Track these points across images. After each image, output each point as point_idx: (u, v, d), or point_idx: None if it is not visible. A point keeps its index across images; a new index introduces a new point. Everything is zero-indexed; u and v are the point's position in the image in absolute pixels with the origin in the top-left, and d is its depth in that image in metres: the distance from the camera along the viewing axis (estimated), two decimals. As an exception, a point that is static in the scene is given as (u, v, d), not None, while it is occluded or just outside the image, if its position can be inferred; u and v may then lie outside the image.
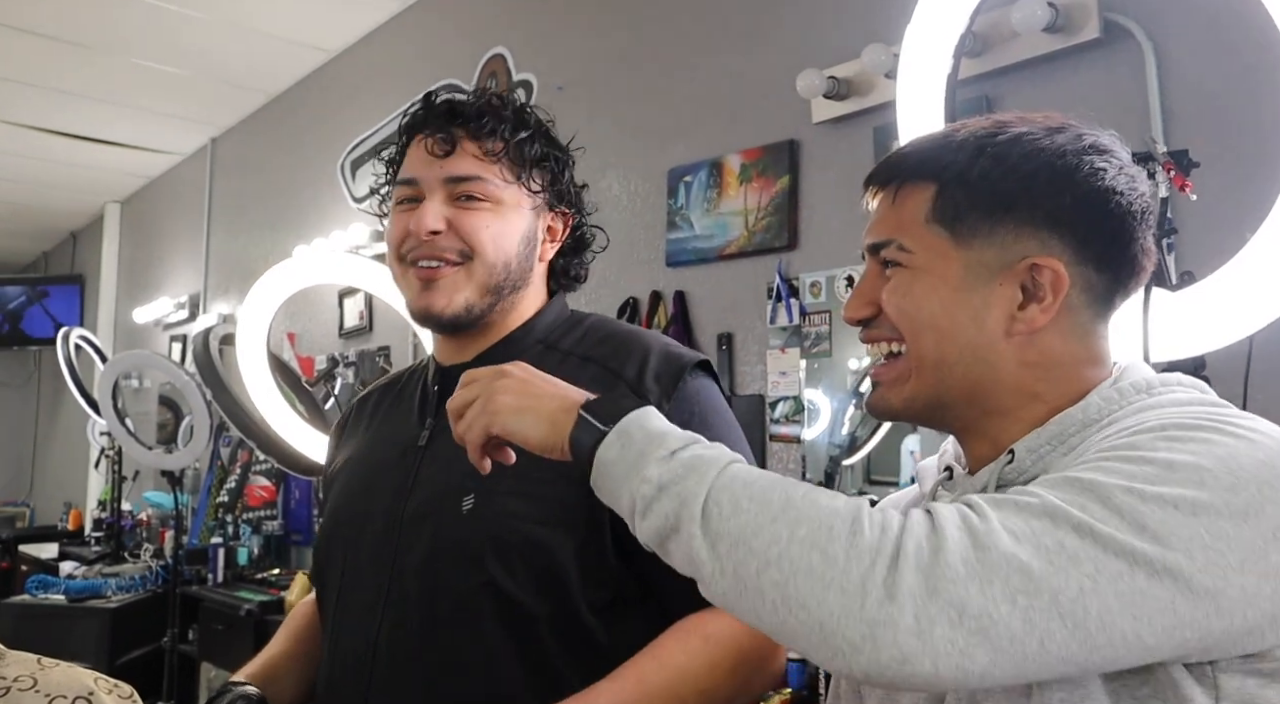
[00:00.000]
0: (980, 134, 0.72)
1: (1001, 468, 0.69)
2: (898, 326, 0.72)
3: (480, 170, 1.01)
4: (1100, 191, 0.69)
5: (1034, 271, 0.69)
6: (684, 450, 0.65)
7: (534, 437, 0.73)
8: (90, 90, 4.51)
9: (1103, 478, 0.57)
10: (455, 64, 3.38)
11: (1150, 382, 0.69)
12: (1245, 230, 1.12)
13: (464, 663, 0.94)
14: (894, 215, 0.73)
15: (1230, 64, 1.54)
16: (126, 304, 6.08)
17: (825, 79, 2.06)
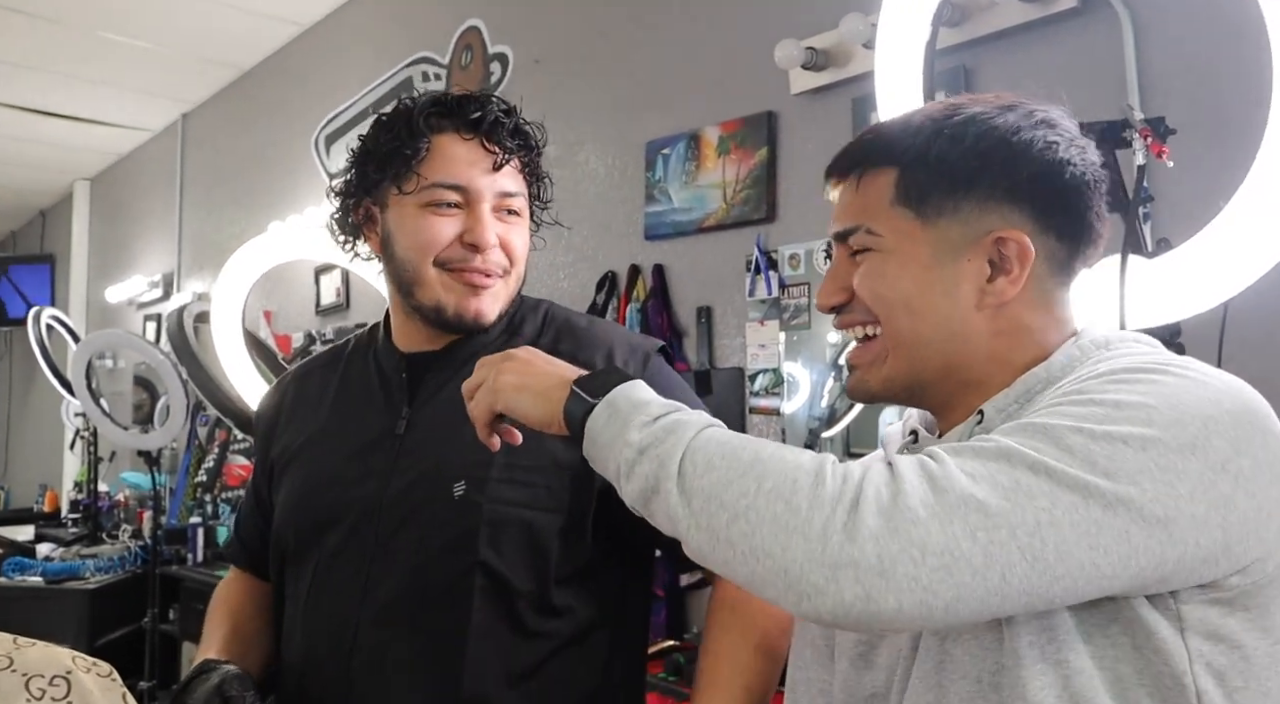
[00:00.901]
0: (935, 117, 0.74)
1: (971, 428, 0.71)
2: (872, 309, 0.75)
3: (521, 187, 1.07)
4: (1055, 163, 0.71)
5: (999, 245, 0.71)
6: (665, 416, 0.68)
7: (533, 413, 0.76)
8: (57, 65, 4.42)
9: (1054, 420, 0.61)
10: (429, 37, 3.33)
11: (1109, 338, 0.73)
12: (1220, 198, 1.13)
13: (450, 635, 0.98)
14: (858, 201, 0.76)
15: (1207, 32, 1.54)
16: (98, 283, 5.99)
17: (803, 50, 2.05)
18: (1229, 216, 1.11)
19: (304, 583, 1.05)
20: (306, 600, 1.05)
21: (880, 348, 0.75)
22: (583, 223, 2.69)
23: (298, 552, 1.07)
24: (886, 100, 1.41)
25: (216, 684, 0.95)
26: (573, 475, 1.00)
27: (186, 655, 3.49)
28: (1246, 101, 1.45)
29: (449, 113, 1.04)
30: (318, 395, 1.15)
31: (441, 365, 1.07)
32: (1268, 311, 1.24)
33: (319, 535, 1.05)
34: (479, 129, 1.03)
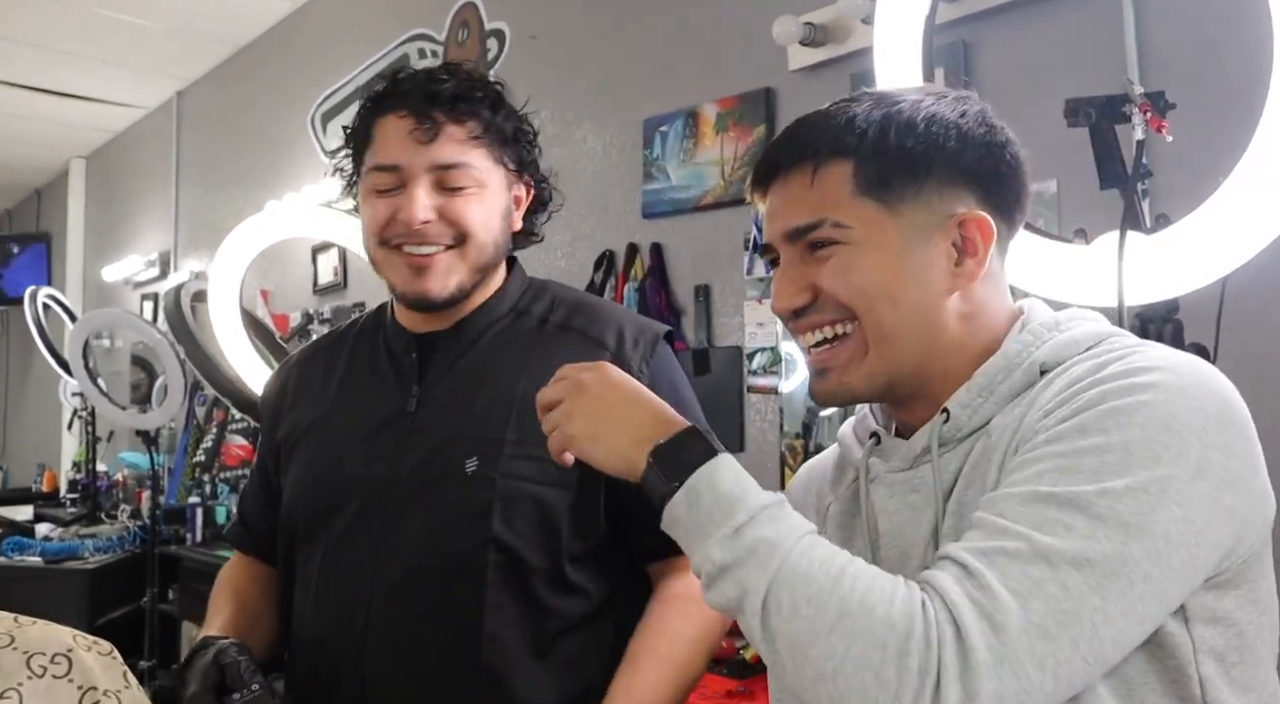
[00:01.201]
0: (877, 106, 0.75)
1: (939, 428, 0.73)
2: (850, 305, 0.73)
3: (464, 156, 1.02)
4: (997, 145, 0.75)
5: (962, 227, 0.73)
6: (748, 529, 0.65)
7: (608, 468, 0.75)
8: (50, 41, 4.38)
9: (1074, 487, 0.61)
10: (426, 13, 3.30)
11: (1056, 319, 0.75)
12: (1219, 173, 1.12)
13: (464, 611, 0.99)
14: (815, 196, 0.74)
15: (1207, 7, 1.53)
16: (95, 262, 5.97)
17: (801, 25, 2.03)
18: (1227, 192, 1.10)
19: (314, 563, 1.06)
20: (318, 580, 1.05)
21: (855, 345, 0.74)
22: (580, 201, 2.68)
23: (308, 532, 1.07)
24: (886, 76, 1.40)
25: (213, 656, 0.96)
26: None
27: (186, 635, 3.51)
28: (1246, 76, 1.44)
29: (387, 94, 1.04)
30: (323, 377, 1.15)
31: (450, 343, 1.08)
32: (1266, 286, 1.24)
33: (330, 515, 1.05)
34: (409, 104, 1.02)
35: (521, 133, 1.08)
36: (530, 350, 1.06)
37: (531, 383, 1.02)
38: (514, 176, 1.08)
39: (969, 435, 0.73)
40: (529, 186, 1.11)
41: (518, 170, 1.08)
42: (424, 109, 1.01)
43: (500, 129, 1.04)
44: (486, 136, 1.03)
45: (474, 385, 1.05)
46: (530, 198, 1.12)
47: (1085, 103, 1.09)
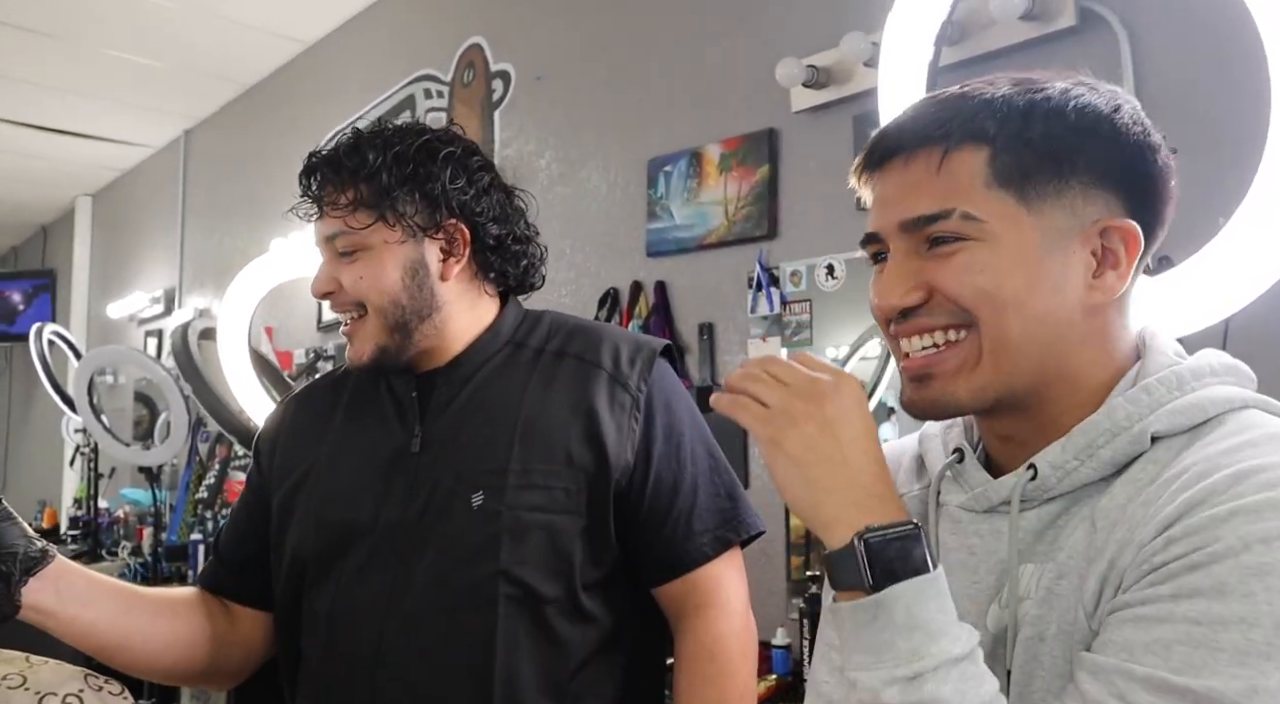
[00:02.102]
0: (1024, 91, 0.66)
1: (1024, 484, 0.65)
2: (971, 309, 0.64)
3: (339, 225, 1.03)
4: (1151, 148, 0.66)
5: (1104, 235, 0.64)
6: (929, 678, 0.57)
7: (791, 498, 0.63)
8: (60, 81, 4.44)
9: (1213, 681, 0.51)
10: (432, 54, 3.36)
11: (1180, 376, 0.64)
12: (1220, 215, 1.14)
13: (476, 645, 0.99)
14: (942, 184, 0.64)
15: (1204, 52, 1.56)
16: (99, 299, 6.00)
17: (804, 68, 2.07)
18: (1229, 235, 1.12)
19: (324, 603, 1.05)
20: (327, 622, 1.04)
21: (968, 352, 0.65)
22: (584, 239, 2.71)
23: (318, 573, 1.06)
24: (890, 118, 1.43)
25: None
26: (589, 478, 1.01)
27: (187, 672, 3.47)
28: (1244, 121, 1.47)
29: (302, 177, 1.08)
30: (324, 416, 1.15)
31: (448, 380, 1.08)
32: (1268, 328, 1.25)
33: (340, 556, 1.05)
34: (301, 184, 1.06)
35: (420, 178, 1.02)
36: (528, 380, 1.07)
37: (531, 412, 1.04)
38: (417, 229, 1.03)
39: (1056, 498, 0.65)
40: (458, 232, 1.05)
41: (422, 223, 1.03)
42: (307, 186, 1.05)
43: (380, 189, 1.01)
44: (369, 199, 1.01)
45: (474, 419, 1.05)
46: (466, 243, 1.06)
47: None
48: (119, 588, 1.04)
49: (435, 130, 1.08)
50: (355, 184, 1.02)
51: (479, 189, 1.06)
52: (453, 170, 1.04)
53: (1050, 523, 0.65)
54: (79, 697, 0.93)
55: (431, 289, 1.05)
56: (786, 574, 2.11)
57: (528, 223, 1.14)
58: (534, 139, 2.89)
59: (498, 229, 1.08)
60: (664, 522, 1.03)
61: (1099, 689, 0.55)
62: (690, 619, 1.04)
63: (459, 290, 1.08)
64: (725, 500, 1.07)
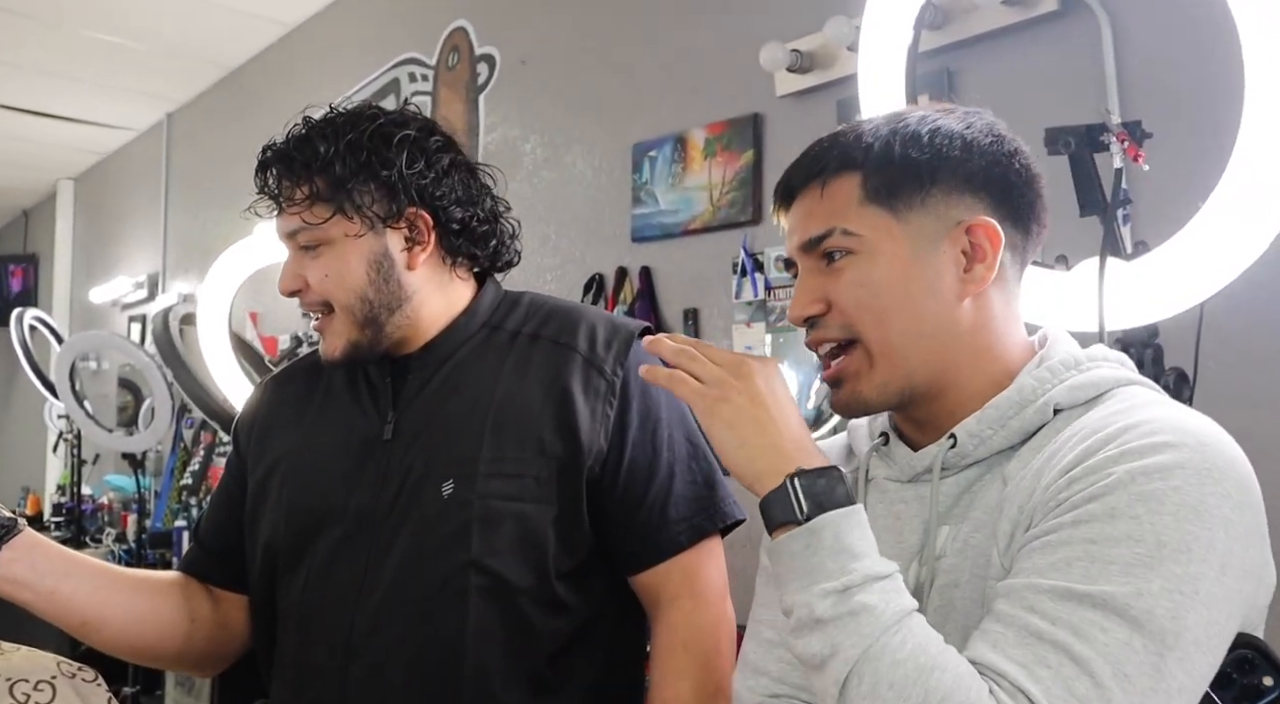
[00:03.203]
0: (886, 123, 0.78)
1: (945, 452, 0.74)
2: (855, 320, 0.75)
3: (298, 221, 1.01)
4: (1006, 154, 0.76)
5: (970, 233, 0.75)
6: (858, 592, 0.64)
7: (729, 462, 0.72)
8: (40, 64, 4.39)
9: (1108, 586, 0.60)
10: (416, 38, 3.33)
11: (1076, 357, 0.75)
12: (1196, 200, 1.14)
13: (448, 637, 0.97)
14: (825, 208, 0.76)
15: (1184, 37, 1.56)
16: (82, 284, 5.95)
17: (788, 52, 2.06)
18: (1204, 219, 1.12)
19: (296, 592, 1.04)
20: (299, 610, 1.04)
21: (860, 359, 0.76)
22: (569, 224, 2.70)
23: (289, 561, 1.05)
24: (871, 103, 1.43)
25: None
26: (560, 466, 1.00)
27: (172, 658, 3.47)
28: (1221, 105, 1.47)
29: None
30: (302, 400, 1.13)
31: (421, 365, 1.06)
32: (1243, 312, 1.26)
33: (311, 543, 1.04)
34: (258, 181, 1.03)
35: (375, 166, 0.99)
36: (502, 364, 1.05)
37: (504, 398, 1.02)
38: (377, 219, 1.00)
39: (972, 464, 0.74)
40: (421, 219, 1.03)
41: (382, 213, 1.00)
42: (263, 181, 1.02)
43: (335, 181, 0.98)
44: (325, 192, 0.99)
45: (447, 405, 1.04)
46: (431, 230, 1.04)
47: (1065, 132, 1.11)
48: (96, 564, 1.03)
49: (390, 113, 1.04)
50: (310, 177, 0.99)
51: (439, 171, 1.03)
52: (409, 155, 1.01)
53: (966, 488, 0.74)
54: (51, 684, 0.93)
55: (399, 280, 1.03)
56: (769, 559, 2.12)
57: (494, 199, 1.10)
58: (519, 124, 2.88)
59: (462, 212, 1.05)
60: (638, 509, 1.02)
61: (1010, 606, 0.63)
62: (665, 609, 1.03)
63: (427, 277, 1.05)
64: (703, 488, 1.05)
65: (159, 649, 1.07)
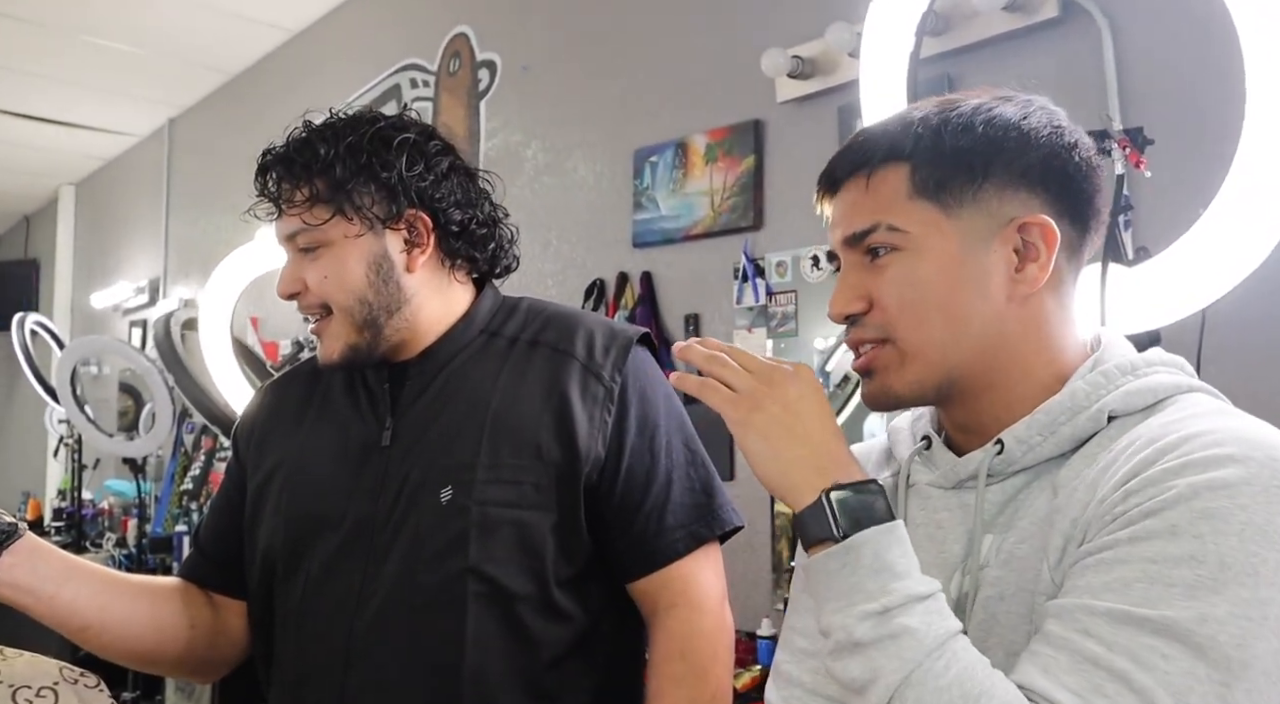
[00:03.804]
0: (937, 110, 0.73)
1: (991, 458, 0.70)
2: (895, 320, 0.71)
3: (297, 223, 1.01)
4: (1064, 146, 0.71)
5: (1023, 231, 0.70)
6: (899, 614, 0.61)
7: (762, 474, 0.69)
8: (43, 69, 4.40)
9: (1169, 611, 0.56)
10: (418, 43, 3.34)
11: (1133, 362, 0.70)
12: (1198, 206, 1.14)
13: (446, 644, 0.97)
14: (871, 201, 0.72)
15: (1185, 44, 1.57)
16: (83, 288, 5.96)
17: (789, 58, 2.06)
18: (1206, 225, 1.12)
19: (294, 599, 1.04)
20: (296, 617, 1.03)
21: (891, 356, 0.72)
22: (570, 229, 2.70)
23: (288, 567, 1.05)
24: (872, 109, 1.43)
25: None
26: (559, 472, 0.99)
27: (172, 664, 3.47)
28: (1223, 111, 1.47)
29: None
30: (301, 405, 1.13)
31: (419, 372, 1.06)
32: (1244, 318, 1.26)
33: (309, 549, 1.03)
34: (258, 186, 1.04)
35: (375, 168, 1.00)
36: (500, 371, 1.04)
37: (502, 404, 1.01)
38: (376, 220, 1.00)
39: (1019, 472, 0.70)
40: (420, 221, 1.03)
41: (381, 215, 1.00)
42: (263, 184, 1.03)
43: (335, 182, 0.98)
44: (325, 194, 0.99)
45: (445, 412, 1.03)
46: (430, 233, 1.03)
47: (1066, 138, 1.11)
48: (97, 570, 1.03)
49: (389, 117, 1.04)
50: (310, 179, 0.99)
51: (438, 174, 1.03)
52: (409, 157, 1.01)
53: (1013, 497, 0.70)
54: (54, 689, 0.93)
55: (398, 282, 1.03)
56: (772, 564, 2.12)
57: (493, 204, 1.10)
58: (520, 129, 2.88)
59: (461, 214, 1.04)
60: (635, 516, 1.01)
61: (1063, 627, 0.59)
62: (662, 617, 1.02)
63: (426, 280, 1.05)
64: (701, 495, 1.04)
65: (158, 655, 1.07)
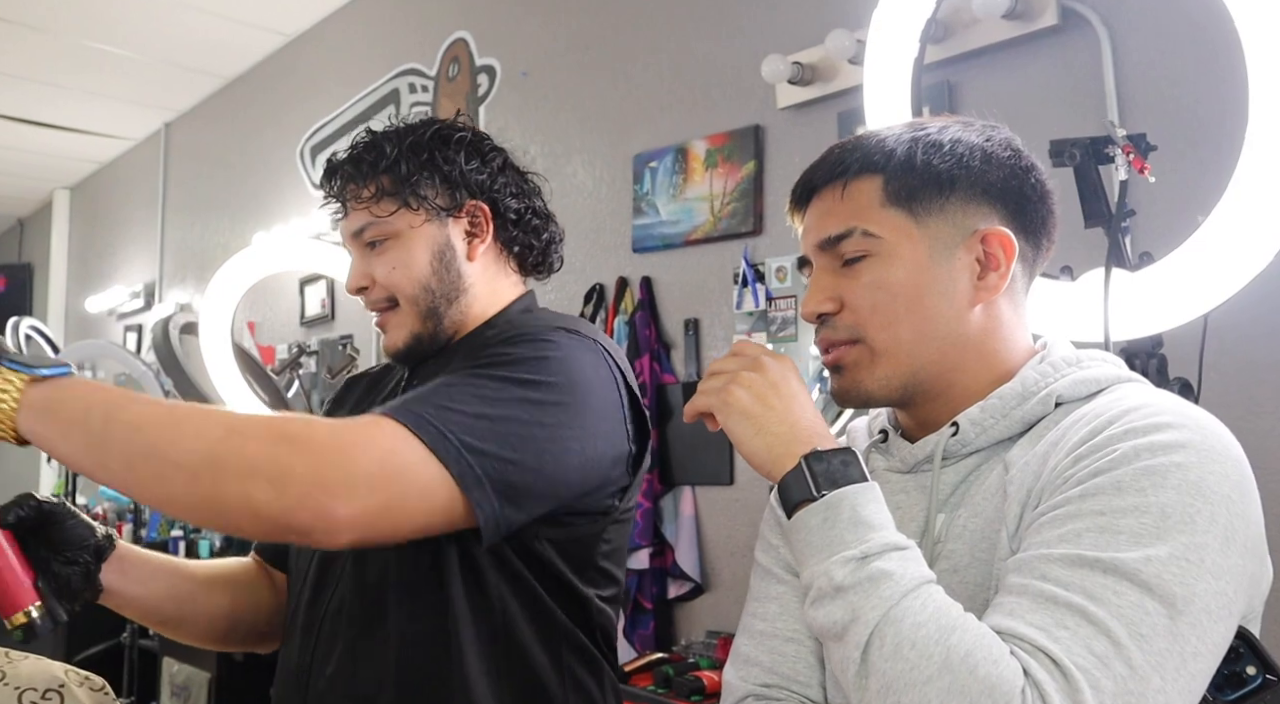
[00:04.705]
0: (908, 130, 0.80)
1: (946, 440, 0.76)
2: (865, 321, 0.76)
3: (366, 218, 1.05)
4: (1023, 168, 0.79)
5: (985, 242, 0.76)
6: (876, 559, 0.65)
7: (747, 450, 0.73)
8: (38, 73, 4.39)
9: (1117, 552, 0.62)
10: (417, 49, 3.34)
11: (1077, 356, 0.77)
12: (1199, 212, 1.15)
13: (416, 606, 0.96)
14: (846, 207, 0.77)
15: (1184, 51, 1.58)
16: (78, 293, 5.94)
17: (790, 64, 2.07)
18: (1208, 231, 1.13)
19: (293, 598, 1.07)
20: (291, 624, 1.06)
21: (862, 353, 0.77)
22: (570, 235, 2.67)
23: (296, 567, 1.08)
24: (875, 115, 1.44)
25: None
26: None
27: (166, 671, 3.45)
28: (1223, 117, 1.49)
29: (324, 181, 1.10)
30: (358, 403, 1.17)
31: (432, 372, 1.05)
32: (1246, 323, 1.27)
33: (307, 551, 1.06)
34: (325, 189, 1.08)
35: (436, 162, 1.05)
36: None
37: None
38: (440, 210, 1.05)
39: (972, 453, 0.76)
40: (483, 211, 1.07)
41: (444, 205, 1.05)
42: (329, 188, 1.07)
43: (400, 177, 1.03)
44: (391, 188, 1.03)
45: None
46: (489, 222, 1.07)
47: (1070, 144, 1.12)
48: (173, 565, 1.08)
49: (445, 120, 1.10)
50: (376, 176, 1.04)
51: (494, 168, 1.09)
52: (467, 153, 1.07)
53: (965, 477, 0.76)
54: (59, 692, 0.92)
55: (459, 270, 1.06)
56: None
57: (543, 201, 1.15)
58: (519, 134, 2.88)
59: (517, 204, 1.10)
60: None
61: (1022, 576, 0.64)
62: None
63: (483, 270, 1.08)
64: (421, 404, 0.89)
65: (232, 636, 1.12)
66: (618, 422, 0.98)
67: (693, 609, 2.30)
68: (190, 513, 0.85)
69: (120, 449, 0.81)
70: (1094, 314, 1.13)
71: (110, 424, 0.81)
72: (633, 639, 2.29)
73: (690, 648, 2.18)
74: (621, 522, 1.03)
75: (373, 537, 0.83)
